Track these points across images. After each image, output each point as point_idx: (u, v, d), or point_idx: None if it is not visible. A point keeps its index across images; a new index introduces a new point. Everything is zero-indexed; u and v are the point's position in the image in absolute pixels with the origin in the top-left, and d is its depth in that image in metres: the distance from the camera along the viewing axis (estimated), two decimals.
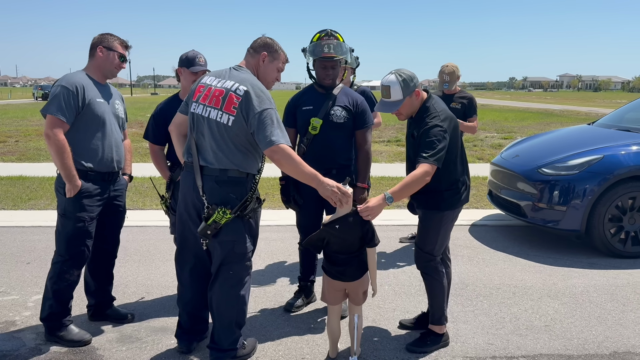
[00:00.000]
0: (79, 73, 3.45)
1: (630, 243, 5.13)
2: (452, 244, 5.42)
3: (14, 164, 10.54)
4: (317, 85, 3.81)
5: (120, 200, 3.69)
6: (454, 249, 5.29)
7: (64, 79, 3.34)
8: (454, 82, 5.32)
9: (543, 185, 5.33)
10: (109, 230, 3.68)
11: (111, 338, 3.52)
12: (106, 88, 3.56)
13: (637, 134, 5.65)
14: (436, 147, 3.01)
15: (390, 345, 3.45)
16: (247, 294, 3.16)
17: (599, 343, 3.44)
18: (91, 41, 3.52)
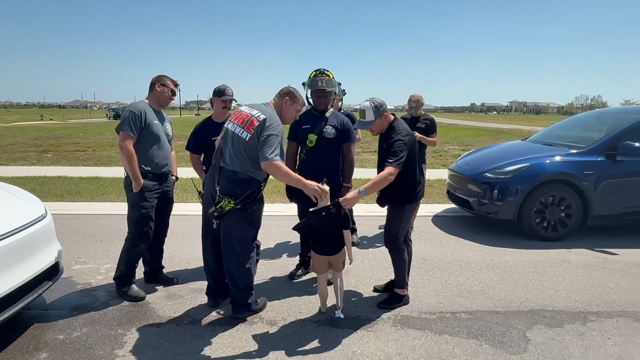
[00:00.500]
0: (142, 102, 3.54)
1: (550, 230, 5.18)
2: (418, 230, 5.56)
3: (91, 167, 10.60)
4: (313, 110, 3.87)
5: (170, 194, 3.76)
6: (419, 233, 5.43)
7: (132, 106, 3.44)
8: (419, 107, 5.38)
9: (486, 186, 5.37)
10: (162, 216, 3.75)
11: (160, 295, 3.62)
12: (160, 113, 3.63)
13: (557, 147, 5.70)
14: (398, 155, 3.09)
15: (366, 303, 3.53)
16: (253, 266, 3.22)
17: (521, 303, 3.52)
18: (151, 80, 3.60)
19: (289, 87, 3.27)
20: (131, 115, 3.35)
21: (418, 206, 4.42)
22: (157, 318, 3.24)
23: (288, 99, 3.21)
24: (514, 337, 2.99)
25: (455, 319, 3.24)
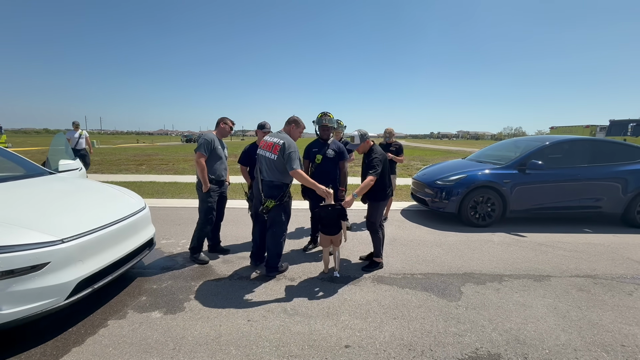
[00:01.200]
0: (211, 133, 3.65)
1: (480, 219, 5.22)
2: (390, 219, 5.59)
3: (171, 175, 10.74)
4: (320, 138, 3.96)
5: (225, 194, 3.85)
6: (391, 222, 5.45)
7: (206, 135, 3.55)
8: (392, 136, 5.48)
9: (437, 189, 5.41)
10: (220, 208, 3.83)
11: (218, 261, 3.71)
12: (221, 142, 3.73)
13: (485, 164, 5.74)
14: (376, 168, 3.22)
15: (354, 267, 3.59)
16: (283, 241, 3.32)
17: (458, 268, 3.58)
18: (218, 119, 3.71)
19: (294, 117, 3.36)
20: (205, 142, 3.49)
21: (390, 202, 4.50)
22: (216, 275, 3.36)
23: (294, 125, 3.33)
24: (452, 290, 3.08)
25: (413, 279, 3.33)
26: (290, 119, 3.34)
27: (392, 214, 5.95)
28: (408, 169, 13.08)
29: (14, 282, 2.09)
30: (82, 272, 2.39)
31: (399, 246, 4.30)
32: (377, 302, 2.84)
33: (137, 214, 3.10)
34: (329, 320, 2.56)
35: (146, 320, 2.54)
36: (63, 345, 2.23)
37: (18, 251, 2.12)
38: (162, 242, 4.33)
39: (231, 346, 2.24)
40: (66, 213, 2.60)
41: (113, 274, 2.67)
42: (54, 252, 2.24)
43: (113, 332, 2.38)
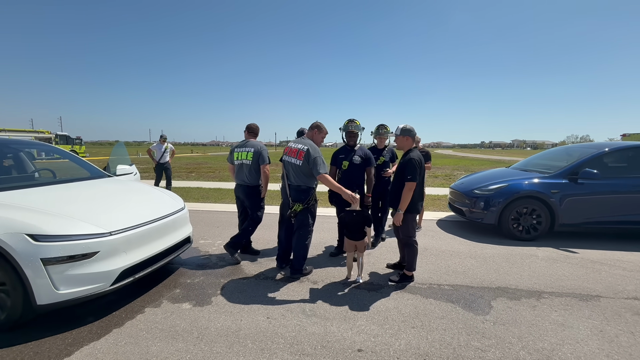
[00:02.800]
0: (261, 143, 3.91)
1: (524, 232, 4.82)
2: (425, 228, 5.43)
3: (216, 182, 11.41)
4: (346, 145, 3.99)
5: None
6: (425, 231, 5.29)
7: (264, 147, 3.82)
8: (418, 143, 5.30)
9: (474, 199, 5.14)
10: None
11: (248, 260, 3.89)
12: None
13: (530, 172, 5.33)
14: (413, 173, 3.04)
15: (379, 275, 3.53)
16: (309, 244, 3.38)
17: (491, 282, 3.36)
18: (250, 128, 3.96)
19: (316, 122, 3.45)
20: (267, 153, 3.77)
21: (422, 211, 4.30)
22: (244, 274, 3.52)
23: (316, 130, 3.41)
24: (481, 303, 2.89)
25: (439, 289, 3.18)
26: (313, 125, 3.44)
27: (426, 224, 5.74)
28: (450, 178, 12.49)
29: (71, 267, 2.43)
30: (125, 262, 2.68)
31: (429, 256, 4.13)
32: (396, 310, 2.77)
33: (176, 214, 3.40)
34: (345, 324, 2.56)
35: (177, 310, 2.76)
36: (106, 326, 2.52)
37: (76, 240, 2.46)
38: (200, 241, 4.65)
39: (248, 340, 2.35)
40: (116, 210, 2.95)
41: (152, 267, 2.95)
42: (102, 243, 2.56)
43: (148, 318, 2.63)
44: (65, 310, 2.69)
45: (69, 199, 2.94)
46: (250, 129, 3.99)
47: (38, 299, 2.36)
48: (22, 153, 4.02)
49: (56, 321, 2.57)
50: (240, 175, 3.86)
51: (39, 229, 2.38)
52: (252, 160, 3.76)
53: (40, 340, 2.34)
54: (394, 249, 4.31)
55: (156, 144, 8.36)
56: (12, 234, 2.33)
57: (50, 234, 2.39)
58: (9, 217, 2.42)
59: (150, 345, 2.28)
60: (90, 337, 2.38)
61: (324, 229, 5.37)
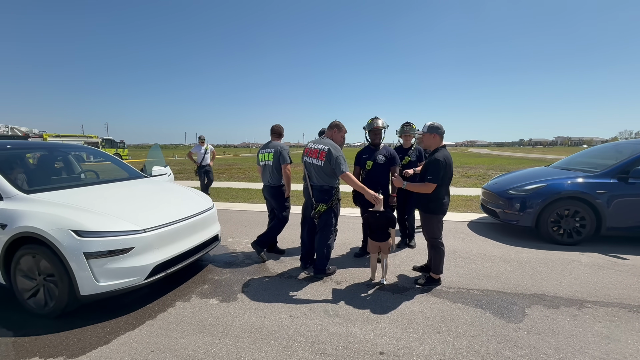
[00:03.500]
0: (284, 144, 3.95)
1: (565, 236, 4.46)
2: (455, 230, 5.22)
3: (245, 182, 11.73)
4: (370, 144, 3.93)
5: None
6: (454, 233, 5.09)
7: (285, 147, 3.88)
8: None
9: (509, 199, 4.84)
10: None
11: (273, 259, 3.95)
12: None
13: (573, 172, 4.93)
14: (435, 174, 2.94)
15: (405, 277, 3.45)
16: (332, 244, 3.37)
17: (526, 288, 3.15)
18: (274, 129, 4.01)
19: (335, 121, 3.43)
20: (288, 153, 3.83)
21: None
22: (269, 273, 3.59)
23: (336, 129, 3.39)
24: (514, 311, 2.73)
25: (468, 294, 3.04)
26: (332, 124, 3.43)
27: (457, 226, 5.52)
28: (484, 178, 11.91)
29: (110, 261, 2.61)
30: (158, 258, 2.84)
31: (459, 259, 3.96)
32: (421, 314, 2.69)
33: (205, 213, 3.54)
34: (367, 326, 2.52)
35: (205, 305, 2.88)
36: (140, 317, 2.68)
37: (114, 236, 2.65)
38: (229, 240, 4.80)
39: (271, 337, 2.39)
40: (149, 208, 3.13)
41: (183, 263, 3.10)
42: (137, 239, 2.73)
43: (178, 312, 2.76)
44: (104, 301, 2.90)
45: (109, 198, 3.16)
46: (273, 130, 4.06)
47: (82, 290, 2.56)
48: (70, 156, 4.38)
49: (97, 311, 2.77)
50: (265, 176, 3.96)
51: (83, 226, 2.59)
52: (274, 161, 3.83)
53: (83, 328, 2.54)
54: (422, 251, 4.19)
55: (195, 146, 8.18)
56: (60, 229, 2.56)
57: (92, 230, 2.60)
58: (57, 214, 2.66)
59: (179, 338, 2.39)
60: (126, 327, 2.55)
61: (349, 229, 5.33)
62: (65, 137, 26.74)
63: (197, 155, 8.03)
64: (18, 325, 2.59)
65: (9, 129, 25.01)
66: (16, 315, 2.74)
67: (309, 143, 3.42)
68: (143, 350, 2.26)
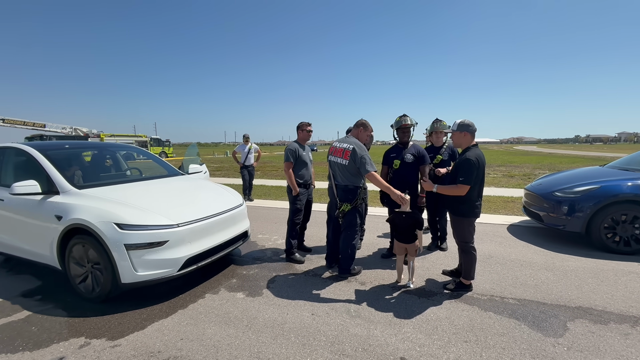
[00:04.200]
0: (294, 142, 3.95)
1: (622, 244, 3.99)
2: (492, 233, 4.92)
3: (278, 180, 11.95)
4: (399, 143, 3.82)
5: (310, 197, 4.04)
6: (492, 236, 4.80)
7: (290, 145, 3.88)
8: None
9: (554, 202, 4.44)
10: (306, 210, 4.04)
11: (302, 256, 3.92)
12: (304, 147, 3.98)
13: (633, 172, 4.38)
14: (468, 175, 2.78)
15: (434, 281, 3.32)
16: (357, 244, 3.33)
17: (570, 300, 2.88)
18: (296, 126, 3.99)
19: (361, 120, 3.36)
20: (289, 151, 3.82)
21: None
22: (295, 270, 3.65)
23: (362, 128, 3.32)
24: (554, 324, 2.50)
25: (502, 302, 2.85)
26: (358, 122, 3.37)
27: (495, 229, 5.19)
28: (530, 179, 11.06)
29: (147, 252, 2.81)
30: (190, 252, 3.01)
31: (494, 264, 3.72)
32: (448, 320, 2.57)
33: (235, 209, 3.67)
34: (389, 329, 2.47)
35: (232, 298, 3.00)
36: (173, 307, 2.86)
37: (151, 230, 2.85)
38: (259, 236, 4.95)
39: (292, 333, 2.43)
40: (183, 204, 3.32)
41: (213, 257, 3.26)
42: (171, 233, 2.91)
43: (207, 304, 2.91)
44: (142, 290, 3.13)
45: (147, 194, 3.40)
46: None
47: (122, 278, 2.79)
48: (118, 154, 4.77)
49: (137, 298, 3.00)
50: None
51: (124, 219, 2.82)
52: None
53: (123, 313, 2.76)
54: (453, 255, 4.00)
55: (239, 145, 7.99)
56: (104, 222, 2.80)
57: (132, 223, 2.81)
58: (102, 208, 2.92)
59: (206, 328, 2.52)
60: (160, 314, 2.73)
61: (378, 229, 5.24)
62: (119, 136, 29.23)
63: (242, 155, 7.87)
64: (71, 307, 2.89)
65: (73, 130, 27.91)
66: (70, 298, 3.05)
67: (334, 142, 3.40)
68: (174, 337, 2.41)
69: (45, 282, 3.43)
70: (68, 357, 2.20)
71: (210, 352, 2.23)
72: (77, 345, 2.33)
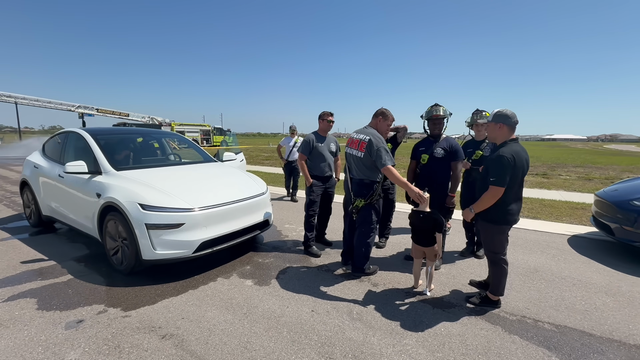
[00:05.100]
0: (311, 133, 3.86)
1: None
2: (547, 243, 4.23)
3: None
4: (429, 136, 3.47)
5: (330, 190, 3.90)
6: (546, 248, 4.13)
7: (305, 137, 3.80)
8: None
9: (631, 212, 3.65)
10: (326, 203, 3.97)
11: (319, 250, 3.82)
12: (323, 138, 3.83)
13: None
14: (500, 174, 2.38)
15: (456, 291, 2.98)
16: (372, 242, 3.14)
17: (629, 335, 2.32)
18: (319, 115, 3.85)
19: (382, 109, 3.10)
20: (304, 143, 3.76)
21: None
22: (308, 264, 3.57)
23: (381, 117, 3.06)
24: None
25: (535, 326, 2.42)
26: (378, 112, 3.11)
27: (552, 239, 4.47)
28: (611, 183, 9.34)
29: (165, 233, 2.98)
30: (205, 236, 3.11)
31: (538, 280, 3.20)
32: (460, 338, 2.26)
33: (256, 198, 3.70)
34: (389, 338, 2.26)
35: (240, 284, 3.04)
36: (186, 286, 3.00)
37: (170, 212, 3.01)
38: (286, 226, 4.97)
39: (285, 328, 2.36)
40: (204, 190, 3.43)
41: (229, 243, 3.34)
42: (188, 217, 3.04)
43: (216, 287, 2.99)
44: (164, 267, 3.34)
45: (173, 178, 3.59)
46: None
47: (143, 255, 3.01)
48: (164, 140, 5.15)
49: (157, 275, 3.22)
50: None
51: (146, 200, 3.02)
52: None
53: (142, 287, 2.98)
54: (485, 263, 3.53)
55: (285, 138, 6.96)
56: (130, 202, 3.03)
57: (153, 205, 3.00)
58: (131, 189, 3.16)
59: (207, 310, 2.58)
60: (171, 292, 2.89)
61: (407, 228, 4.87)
62: (186, 125, 32.06)
63: (286, 149, 6.75)
64: (104, 276, 3.21)
65: (150, 119, 31.38)
66: (105, 267, 3.40)
67: (352, 133, 3.20)
68: (177, 315, 2.52)
69: (92, 251, 3.88)
70: (86, 321, 2.44)
71: (204, 334, 2.28)
72: (97, 311, 2.57)
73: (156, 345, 2.17)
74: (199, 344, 2.19)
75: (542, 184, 9.41)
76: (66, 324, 2.41)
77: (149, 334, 2.29)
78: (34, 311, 2.57)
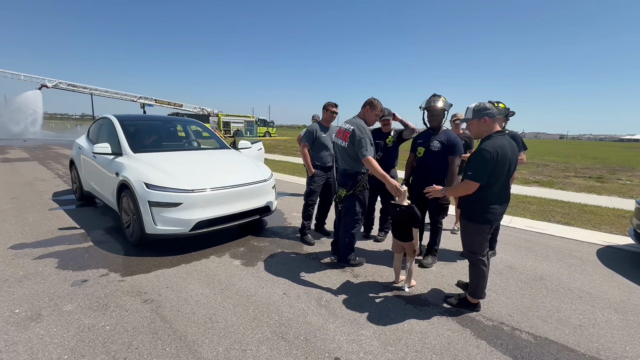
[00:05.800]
0: (315, 123, 3.88)
1: None
2: (571, 252, 3.87)
3: None
4: (428, 129, 3.31)
5: (331, 180, 3.88)
6: (566, 256, 3.75)
7: (309, 127, 3.85)
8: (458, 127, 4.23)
9: None
10: (326, 194, 3.97)
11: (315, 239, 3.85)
12: (327, 128, 3.84)
13: None
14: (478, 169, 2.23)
15: (438, 290, 2.85)
16: (356, 233, 3.12)
17: (619, 356, 2.05)
18: (323, 105, 3.81)
19: (370, 99, 3.01)
20: (307, 133, 3.80)
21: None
22: (300, 250, 3.65)
23: (369, 107, 2.98)
24: None
25: (510, 335, 2.24)
26: (366, 101, 3.03)
27: (579, 248, 4.02)
28: None
29: (164, 210, 3.27)
30: (201, 216, 3.35)
31: (538, 289, 2.94)
32: (420, 336, 2.19)
33: (257, 184, 3.86)
34: (347, 327, 2.26)
35: (228, 264, 3.23)
36: (180, 260, 3.27)
37: (169, 192, 3.28)
38: (293, 214, 5.09)
39: (252, 306, 2.49)
40: (206, 173, 3.67)
41: (226, 224, 3.55)
42: (186, 197, 3.29)
43: (206, 264, 3.22)
44: (167, 242, 3.66)
45: (180, 162, 3.88)
46: None
47: (146, 229, 3.33)
48: (189, 127, 5.54)
49: (159, 248, 3.54)
50: None
51: (150, 180, 3.33)
52: None
53: (144, 257, 3.31)
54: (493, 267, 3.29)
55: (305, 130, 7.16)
56: (138, 181, 3.36)
57: (155, 184, 3.30)
58: (140, 169, 3.50)
59: (189, 284, 2.80)
60: (165, 264, 3.17)
61: None
62: (232, 116, 33.71)
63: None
64: (118, 245, 3.62)
65: (200, 109, 33.52)
66: (121, 239, 3.82)
67: (342, 124, 3.16)
68: (163, 284, 2.77)
69: (117, 224, 4.37)
70: (89, 281, 2.80)
71: (179, 303, 2.50)
72: (100, 274, 2.93)
73: (136, 308, 2.42)
74: (172, 311, 2.40)
75: (593, 188, 8.36)
76: (73, 282, 2.78)
77: (134, 297, 2.57)
78: (53, 269, 3.01)
